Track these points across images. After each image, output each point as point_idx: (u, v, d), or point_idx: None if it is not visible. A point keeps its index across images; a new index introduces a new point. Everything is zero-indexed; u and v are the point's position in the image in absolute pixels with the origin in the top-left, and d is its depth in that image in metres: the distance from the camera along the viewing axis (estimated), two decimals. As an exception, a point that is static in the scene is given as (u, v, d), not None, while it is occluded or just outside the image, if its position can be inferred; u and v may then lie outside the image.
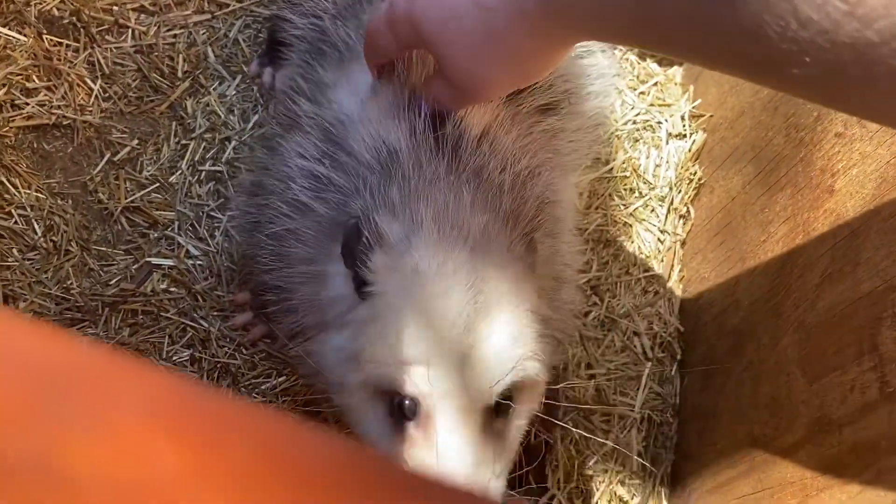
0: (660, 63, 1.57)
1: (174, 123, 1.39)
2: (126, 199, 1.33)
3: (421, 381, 0.79)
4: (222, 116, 1.39)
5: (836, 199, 1.04)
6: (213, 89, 1.42)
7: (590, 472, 1.27)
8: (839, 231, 1.02)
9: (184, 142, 1.38)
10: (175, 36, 1.44)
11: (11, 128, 1.34)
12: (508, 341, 0.81)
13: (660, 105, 1.52)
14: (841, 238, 1.01)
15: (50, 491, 0.26)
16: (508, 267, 0.84)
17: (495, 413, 0.83)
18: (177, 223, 1.32)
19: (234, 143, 1.38)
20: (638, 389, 1.31)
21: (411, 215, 0.84)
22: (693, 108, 1.50)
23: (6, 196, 1.30)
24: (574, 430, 1.27)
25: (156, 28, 1.44)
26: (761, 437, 1.08)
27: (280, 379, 1.25)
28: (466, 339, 0.79)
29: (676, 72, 1.56)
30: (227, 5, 1.48)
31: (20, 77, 1.37)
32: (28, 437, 0.27)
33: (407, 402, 0.80)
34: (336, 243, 0.87)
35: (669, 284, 1.40)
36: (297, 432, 0.32)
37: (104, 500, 0.27)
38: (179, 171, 1.36)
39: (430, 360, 0.79)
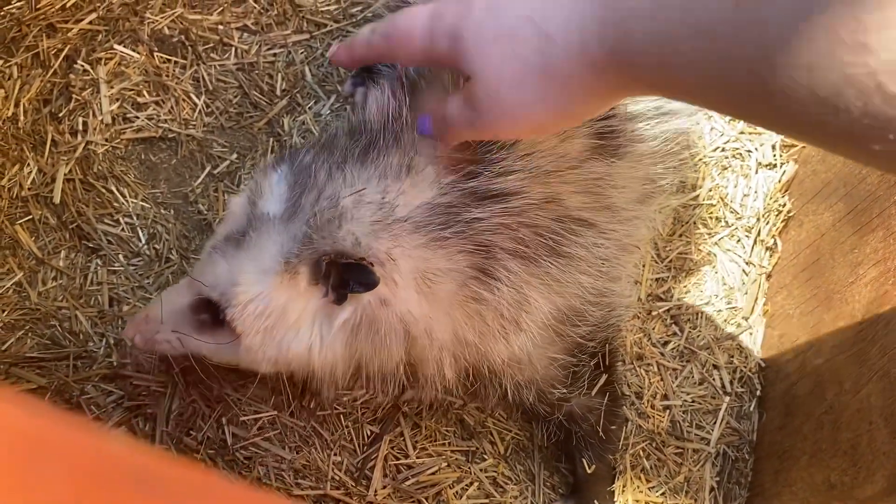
0: (753, 89, 1.54)
1: (271, 139, 1.45)
2: (224, 210, 1.40)
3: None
4: (316, 135, 1.45)
5: (930, 247, 1.01)
6: (309, 108, 1.47)
7: (658, 502, 1.27)
8: (931, 281, 0.99)
9: (279, 158, 1.44)
10: (275, 55, 1.51)
11: (122, 140, 1.43)
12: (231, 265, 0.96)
13: (750, 133, 1.50)
14: (933, 289, 0.98)
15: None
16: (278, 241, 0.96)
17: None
18: (269, 236, 1.38)
19: (326, 160, 1.43)
20: (714, 423, 1.30)
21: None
22: (784, 137, 1.47)
23: (115, 204, 1.39)
24: (645, 459, 1.28)
25: (257, 47, 1.51)
26: (839, 485, 1.06)
27: (360, 392, 1.29)
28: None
29: (770, 99, 1.53)
30: (325, 25, 1.54)
31: (132, 92, 1.46)
32: None
33: None
34: None
35: (752, 318, 1.37)
36: None
37: None
38: (274, 187, 1.41)
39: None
